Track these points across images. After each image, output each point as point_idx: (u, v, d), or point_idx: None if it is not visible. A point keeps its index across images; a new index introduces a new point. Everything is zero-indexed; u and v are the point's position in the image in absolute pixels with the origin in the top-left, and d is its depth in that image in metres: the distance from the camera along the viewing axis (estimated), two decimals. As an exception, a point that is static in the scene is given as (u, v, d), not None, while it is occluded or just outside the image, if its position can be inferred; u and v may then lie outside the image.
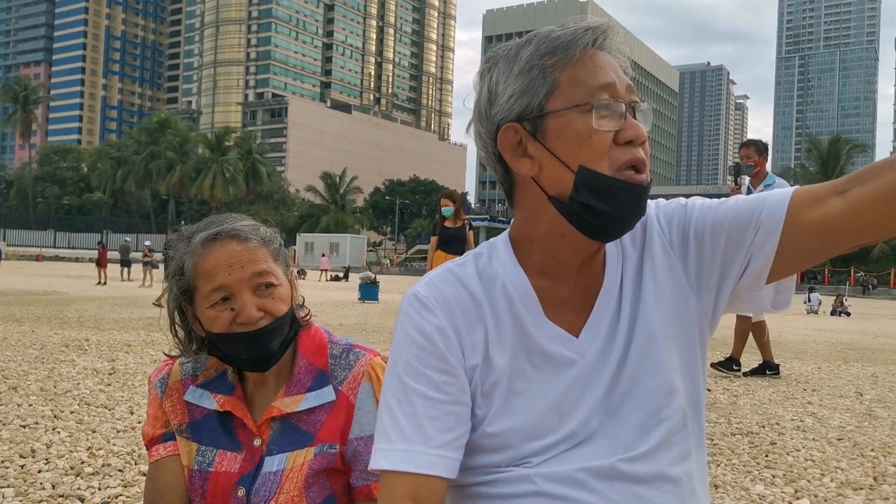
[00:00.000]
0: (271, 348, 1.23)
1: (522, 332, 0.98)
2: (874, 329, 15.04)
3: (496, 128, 0.96)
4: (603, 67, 0.93)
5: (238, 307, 1.21)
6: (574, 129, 0.91)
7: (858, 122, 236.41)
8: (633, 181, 0.91)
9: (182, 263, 1.24)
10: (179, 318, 1.29)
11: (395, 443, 0.92)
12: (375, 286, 17.55)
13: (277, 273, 1.26)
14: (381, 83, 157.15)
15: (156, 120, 76.37)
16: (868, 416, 4.74)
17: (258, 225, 1.30)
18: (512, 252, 1.01)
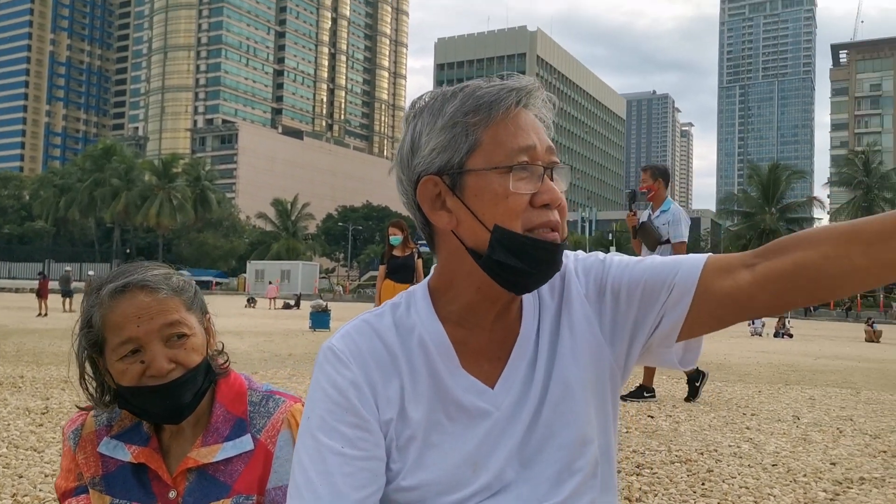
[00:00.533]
0: (183, 401, 1.21)
1: (438, 383, 0.99)
2: (815, 350, 15.48)
3: (416, 178, 0.98)
4: (525, 129, 0.95)
5: (148, 359, 1.19)
6: (492, 189, 0.93)
7: (797, 149, 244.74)
8: (546, 239, 0.93)
9: (90, 316, 1.22)
10: (91, 369, 1.26)
11: (307, 503, 0.92)
12: (327, 314, 17.41)
13: (190, 322, 1.24)
14: (334, 109, 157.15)
15: (101, 146, 74.88)
16: (803, 440, 4.86)
17: (170, 274, 1.27)
18: (430, 302, 1.02)
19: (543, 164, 0.95)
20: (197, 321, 1.26)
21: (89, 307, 1.23)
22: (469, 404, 0.98)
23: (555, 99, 1.01)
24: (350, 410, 0.95)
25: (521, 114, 0.96)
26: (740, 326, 27.11)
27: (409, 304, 1.04)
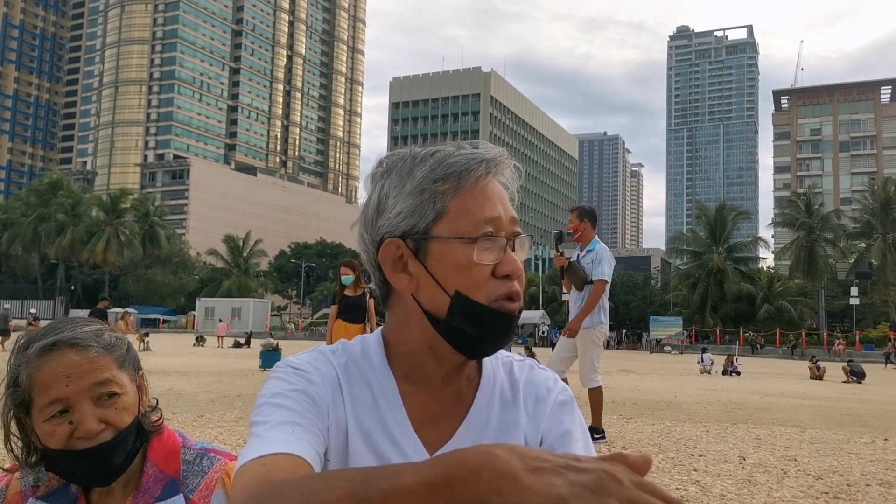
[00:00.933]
0: (113, 464, 1.17)
1: (385, 430, 0.99)
2: (762, 388, 15.79)
3: (380, 239, 0.98)
4: (491, 200, 0.96)
5: (76, 420, 1.14)
6: (455, 257, 0.94)
7: (742, 190, 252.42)
8: (505, 311, 0.95)
9: (17, 374, 1.17)
10: (18, 429, 1.22)
11: (264, 438, 0.86)
12: (277, 353, 17.18)
13: (122, 381, 1.20)
14: (288, 146, 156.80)
15: (47, 181, 73.25)
16: (748, 482, 4.94)
17: (102, 330, 1.24)
18: (383, 353, 1.03)
19: (507, 235, 0.97)
20: (129, 379, 1.23)
21: (16, 365, 1.18)
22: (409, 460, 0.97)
23: (520, 168, 1.03)
24: (305, 393, 0.94)
25: (490, 184, 0.97)
26: (690, 363, 27.53)
27: (364, 351, 1.04)
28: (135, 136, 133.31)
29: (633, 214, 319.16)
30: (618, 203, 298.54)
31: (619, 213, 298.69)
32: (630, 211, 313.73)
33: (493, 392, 1.05)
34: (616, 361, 28.89)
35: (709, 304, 58.90)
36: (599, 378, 6.48)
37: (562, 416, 1.06)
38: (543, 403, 1.06)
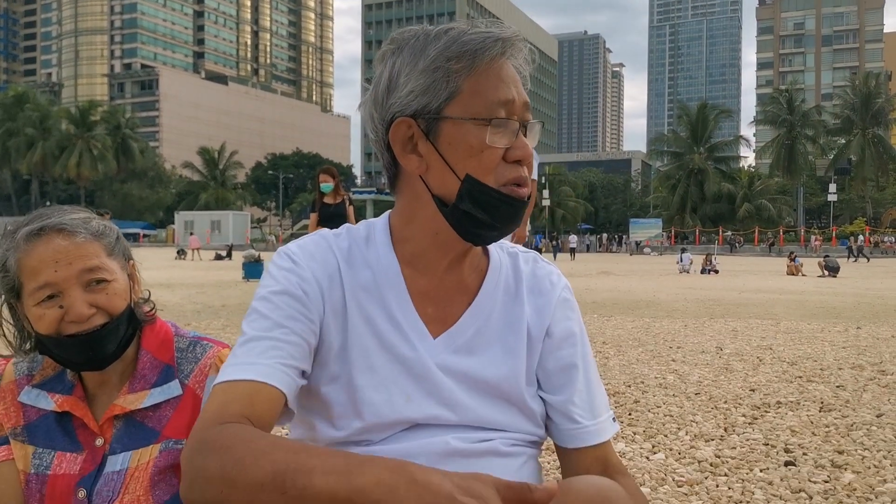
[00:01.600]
0: (106, 350, 1.18)
1: (386, 312, 1.00)
2: (739, 285, 16.10)
3: (390, 118, 0.96)
4: (505, 82, 0.94)
5: (67, 304, 1.15)
6: (467, 140, 0.93)
7: (725, 89, 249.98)
8: (515, 195, 0.95)
9: (5, 260, 1.17)
10: (10, 315, 1.23)
11: (238, 359, 0.92)
12: (260, 264, 17.17)
13: (112, 268, 1.20)
14: (259, 53, 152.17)
15: (12, 94, 70.85)
16: (725, 369, 5.07)
17: (90, 217, 1.23)
18: (389, 237, 1.04)
19: (519, 119, 0.95)
20: (119, 267, 1.23)
21: (4, 251, 1.18)
22: (410, 343, 1.00)
23: (535, 53, 0.99)
24: (295, 297, 0.97)
25: (504, 65, 0.95)
26: (670, 264, 27.96)
27: (369, 235, 1.05)
28: (100, 46, 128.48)
29: (613, 116, 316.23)
30: (598, 105, 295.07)
31: (600, 116, 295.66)
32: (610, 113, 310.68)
33: (498, 281, 1.06)
34: (596, 264, 29.27)
35: (689, 206, 59.41)
36: None
37: (567, 312, 1.09)
38: (547, 297, 1.07)
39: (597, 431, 1.05)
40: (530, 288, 1.08)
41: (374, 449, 0.97)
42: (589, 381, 1.07)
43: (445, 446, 0.97)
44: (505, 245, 1.12)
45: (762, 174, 65.59)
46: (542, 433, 1.07)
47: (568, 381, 1.06)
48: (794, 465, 2.89)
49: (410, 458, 0.92)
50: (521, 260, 1.10)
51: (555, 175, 67.70)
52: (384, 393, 0.98)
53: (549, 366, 1.06)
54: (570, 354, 1.07)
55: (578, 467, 1.04)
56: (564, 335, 1.07)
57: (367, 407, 0.97)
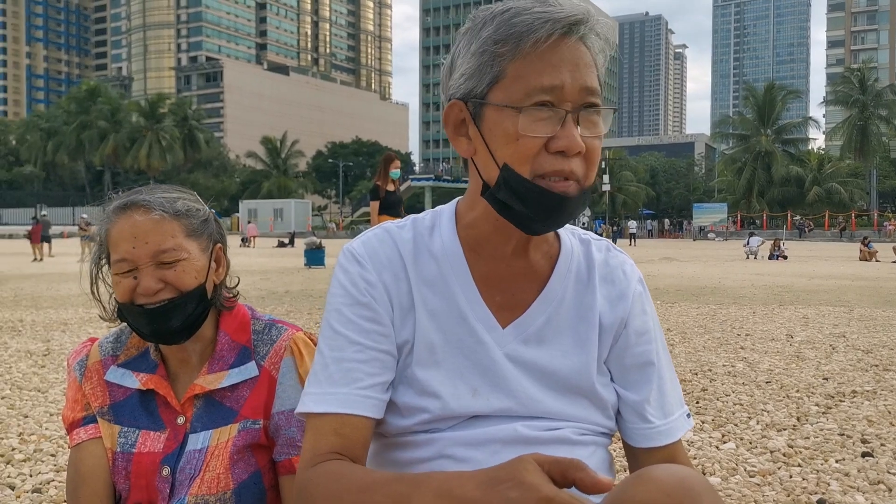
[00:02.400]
0: (171, 325, 1.21)
1: (452, 304, 0.99)
2: (809, 271, 15.60)
3: (448, 99, 0.97)
4: (555, 65, 0.88)
5: (139, 278, 1.20)
6: (504, 127, 0.90)
7: (793, 69, 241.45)
8: (552, 190, 0.89)
9: (101, 230, 1.25)
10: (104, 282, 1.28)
11: (323, 386, 0.95)
12: (321, 251, 17.44)
13: (188, 248, 1.22)
14: (319, 43, 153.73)
15: (85, 88, 73.43)
16: (796, 357, 4.94)
17: (178, 198, 1.25)
18: (454, 225, 1.03)
19: (572, 106, 0.89)
20: (199, 248, 1.25)
21: (101, 222, 1.25)
22: (478, 335, 0.99)
23: (609, 32, 0.94)
24: (364, 305, 0.98)
25: (558, 47, 0.88)
26: (735, 250, 27.28)
27: (434, 222, 1.04)
28: (167, 39, 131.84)
29: (675, 99, 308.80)
30: (660, 88, 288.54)
31: (661, 99, 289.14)
32: (673, 95, 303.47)
33: (569, 268, 1.04)
34: (658, 250, 28.74)
35: (755, 189, 57.66)
36: None
37: (643, 307, 1.07)
38: (621, 288, 1.05)
39: (668, 431, 1.03)
40: (603, 277, 1.05)
41: (443, 436, 0.97)
42: (662, 379, 1.05)
43: (514, 433, 0.96)
44: (577, 231, 1.09)
45: (832, 156, 63.14)
46: (612, 425, 1.05)
47: (643, 379, 1.04)
48: (871, 456, 2.80)
49: (478, 445, 0.96)
50: (593, 247, 1.07)
51: (615, 160, 66.58)
52: (450, 388, 0.97)
53: (625, 362, 1.04)
54: (647, 352, 1.04)
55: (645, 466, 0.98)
56: (641, 331, 1.05)
57: (432, 402, 0.97)
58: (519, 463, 0.72)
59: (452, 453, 0.96)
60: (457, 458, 0.95)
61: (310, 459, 0.93)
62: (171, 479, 1.21)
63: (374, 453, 1.03)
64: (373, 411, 0.95)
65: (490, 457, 0.94)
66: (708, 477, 2.59)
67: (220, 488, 1.19)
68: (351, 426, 0.93)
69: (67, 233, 47.64)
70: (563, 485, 0.70)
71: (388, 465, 1.01)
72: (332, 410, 0.93)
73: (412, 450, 0.98)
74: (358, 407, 0.94)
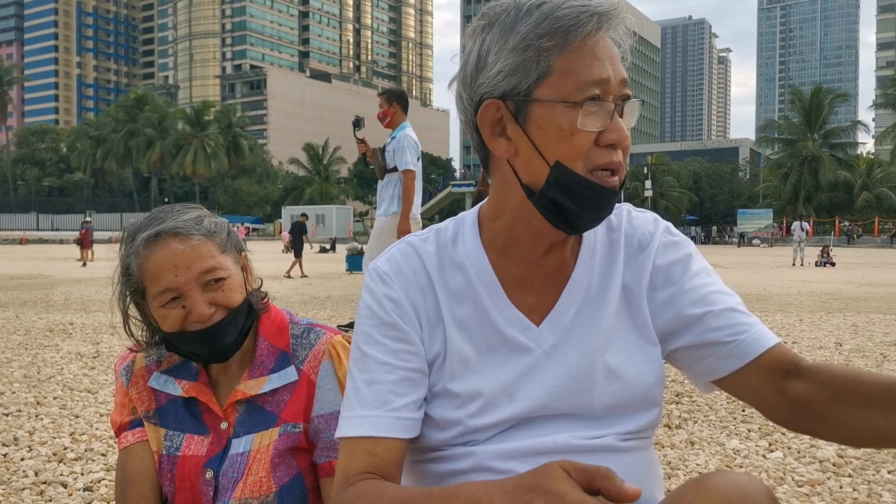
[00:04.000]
0: (227, 342, 1.23)
1: (482, 313, 0.98)
2: (858, 278, 15.21)
3: (479, 99, 0.92)
4: (601, 59, 0.88)
5: (189, 306, 1.20)
6: (557, 123, 0.88)
7: (840, 72, 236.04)
8: (606, 185, 0.89)
9: (128, 264, 1.23)
10: (139, 313, 1.29)
11: (355, 409, 0.95)
12: (362, 256, 17.57)
13: (226, 264, 1.24)
14: (360, 50, 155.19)
15: (133, 97, 75.24)
16: (846, 366, 4.81)
17: (202, 217, 1.27)
18: (477, 231, 1.01)
19: (614, 99, 0.89)
20: (233, 262, 1.27)
21: (126, 256, 1.24)
22: (512, 338, 0.97)
23: (633, 22, 0.93)
24: (392, 325, 0.97)
25: (600, 41, 0.88)
26: (781, 256, 26.72)
27: (457, 231, 1.03)
28: (212, 48, 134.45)
29: (719, 103, 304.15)
30: (703, 92, 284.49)
31: (705, 103, 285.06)
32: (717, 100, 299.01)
33: (593, 252, 1.02)
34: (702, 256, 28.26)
35: (801, 195, 56.43)
36: None
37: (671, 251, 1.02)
38: (648, 249, 1.02)
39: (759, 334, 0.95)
40: (628, 241, 1.03)
41: (481, 448, 0.96)
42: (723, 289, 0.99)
43: (553, 445, 0.95)
44: None
45: (882, 161, 61.48)
46: (655, 416, 1.01)
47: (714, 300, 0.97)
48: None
49: (518, 457, 0.94)
50: (612, 217, 1.04)
51: (658, 165, 65.79)
52: (486, 396, 0.96)
53: (675, 305, 0.99)
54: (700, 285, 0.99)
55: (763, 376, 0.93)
56: (671, 265, 1.01)
57: (468, 413, 0.96)
58: (546, 470, 0.71)
59: (491, 465, 0.95)
60: (496, 471, 0.94)
61: (343, 480, 0.93)
62: (214, 482, 1.23)
63: (412, 466, 1.03)
64: (405, 432, 0.95)
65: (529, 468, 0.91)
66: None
67: (262, 491, 1.21)
68: (383, 447, 0.94)
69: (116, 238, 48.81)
70: (589, 493, 0.69)
71: (426, 477, 1.00)
72: (364, 434, 0.94)
73: (450, 462, 0.98)
74: (389, 429, 0.94)
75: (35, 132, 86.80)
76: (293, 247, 17.12)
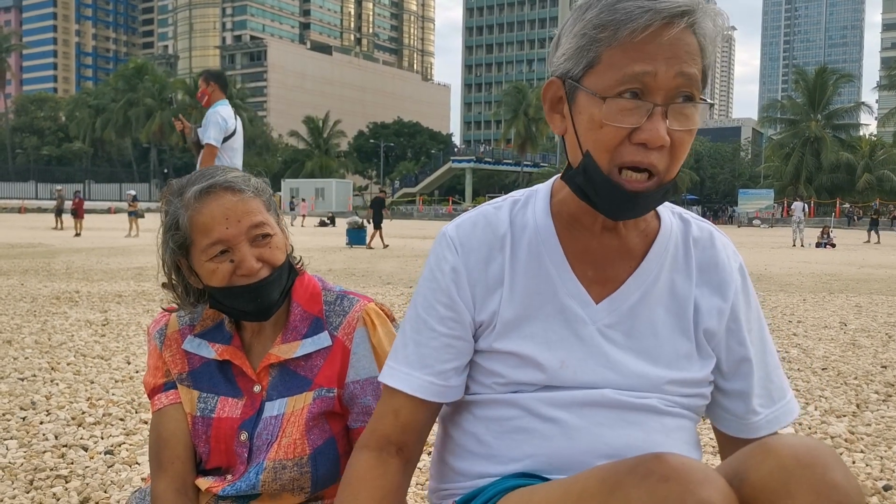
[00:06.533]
0: (272, 298, 1.25)
1: (544, 280, 1.00)
2: (859, 259, 15.24)
3: (550, 75, 0.98)
4: (651, 55, 0.86)
5: (238, 259, 1.21)
6: (590, 113, 0.90)
7: (845, 52, 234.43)
8: (624, 186, 0.90)
9: (176, 218, 1.23)
10: (175, 272, 1.29)
11: (399, 363, 1.03)
12: (363, 231, 17.56)
13: (272, 223, 1.26)
14: (362, 23, 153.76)
15: (132, 66, 74.63)
16: (852, 345, 4.85)
17: (249, 176, 1.29)
18: (548, 202, 1.04)
19: (664, 96, 0.88)
20: (276, 221, 1.28)
21: (174, 210, 1.23)
22: (569, 308, 1.00)
23: (721, 21, 0.92)
24: (444, 291, 1.02)
25: (657, 37, 0.86)
26: (781, 237, 26.75)
27: (529, 201, 1.06)
28: (212, 18, 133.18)
29: (722, 82, 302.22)
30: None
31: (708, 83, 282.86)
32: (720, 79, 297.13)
33: (666, 248, 1.03)
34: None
35: (803, 175, 56.30)
36: None
37: (749, 298, 1.06)
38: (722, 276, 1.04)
39: (774, 420, 1.04)
40: (701, 261, 1.04)
41: (528, 396, 0.99)
42: (768, 366, 1.04)
43: (601, 396, 0.97)
44: (678, 210, 1.08)
45: (885, 143, 61.29)
46: (701, 407, 1.04)
47: (747, 371, 1.03)
48: (935, 445, 2.75)
49: (564, 406, 0.97)
50: (693, 228, 1.06)
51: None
52: (539, 359, 0.98)
53: (727, 354, 1.03)
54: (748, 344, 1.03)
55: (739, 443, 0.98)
56: (744, 323, 1.04)
57: (519, 371, 0.99)
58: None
59: (539, 411, 0.98)
60: (543, 417, 0.97)
61: (366, 436, 1.04)
62: (248, 444, 1.25)
63: (458, 408, 1.07)
64: (436, 397, 1.00)
65: (576, 418, 0.96)
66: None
67: (296, 454, 1.23)
68: (410, 409, 1.01)
69: (115, 208, 48.67)
70: None
71: (473, 420, 1.03)
72: (399, 388, 1.01)
73: (496, 408, 1.01)
74: (423, 391, 1.00)
75: (34, 100, 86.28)
76: (373, 220, 17.58)
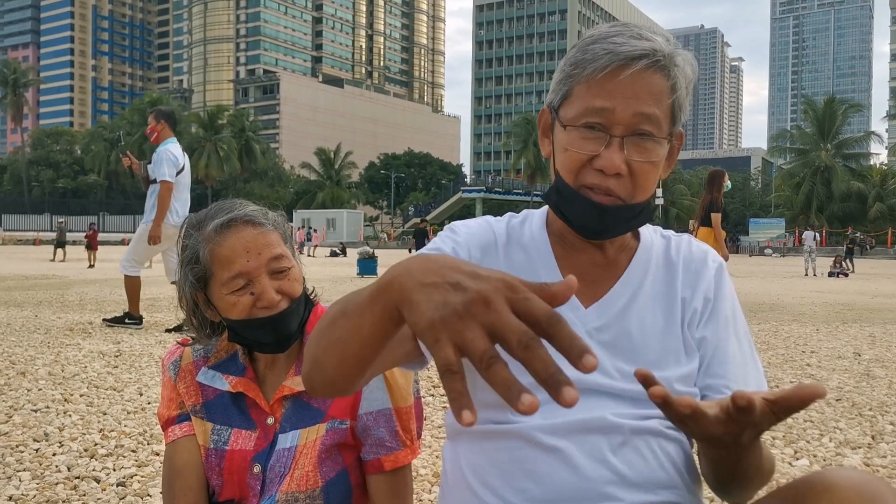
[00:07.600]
0: (291, 329, 1.26)
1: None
2: (872, 289, 15.12)
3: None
4: (610, 91, 0.97)
5: (258, 292, 1.23)
6: (560, 138, 1.02)
7: (854, 82, 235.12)
8: (589, 197, 1.00)
9: (196, 251, 1.24)
10: (192, 304, 1.30)
11: None
12: (374, 261, 17.60)
13: (289, 255, 1.28)
14: (373, 56, 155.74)
15: (147, 100, 75.66)
16: (866, 376, 4.81)
17: (266, 209, 1.31)
18: (545, 218, 1.13)
19: (623, 130, 0.97)
20: (292, 254, 1.30)
21: (194, 243, 1.25)
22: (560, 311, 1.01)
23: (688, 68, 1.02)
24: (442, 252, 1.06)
25: (616, 77, 0.96)
26: (793, 266, 26.58)
27: (526, 217, 1.15)
28: (226, 53, 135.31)
29: (731, 112, 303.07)
30: (715, 101, 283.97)
31: (717, 112, 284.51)
32: (728, 109, 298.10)
33: (649, 257, 1.10)
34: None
35: (814, 205, 56.17)
36: (136, 269, 6.75)
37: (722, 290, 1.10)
38: (701, 274, 1.10)
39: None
40: (686, 264, 1.10)
41: (528, 423, 0.99)
42: (745, 359, 1.06)
43: (601, 421, 0.98)
44: (659, 229, 1.16)
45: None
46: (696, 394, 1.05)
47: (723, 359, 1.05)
48: (952, 478, 2.72)
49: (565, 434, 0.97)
50: (673, 242, 1.14)
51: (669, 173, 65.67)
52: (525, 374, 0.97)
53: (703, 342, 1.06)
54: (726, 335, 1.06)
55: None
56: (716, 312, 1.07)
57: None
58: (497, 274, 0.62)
59: (539, 441, 0.98)
60: (544, 447, 0.98)
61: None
62: (261, 476, 1.25)
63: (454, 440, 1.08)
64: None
65: (577, 445, 0.97)
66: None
67: (309, 486, 1.23)
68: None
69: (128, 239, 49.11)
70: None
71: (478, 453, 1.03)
72: None
73: (497, 440, 1.01)
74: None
75: (50, 134, 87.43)
76: (416, 249, 17.81)
